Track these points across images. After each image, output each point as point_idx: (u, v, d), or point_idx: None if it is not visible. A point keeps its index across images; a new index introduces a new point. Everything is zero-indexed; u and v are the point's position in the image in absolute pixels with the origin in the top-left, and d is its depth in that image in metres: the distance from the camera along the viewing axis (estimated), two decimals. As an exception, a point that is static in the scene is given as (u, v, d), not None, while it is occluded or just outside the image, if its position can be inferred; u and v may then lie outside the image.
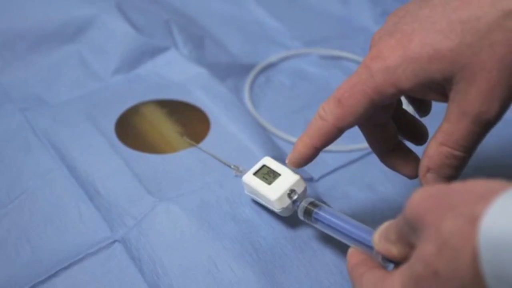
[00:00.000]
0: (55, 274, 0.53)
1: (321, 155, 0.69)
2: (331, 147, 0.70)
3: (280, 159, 0.64)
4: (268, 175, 0.55)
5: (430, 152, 0.47)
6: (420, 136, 0.54)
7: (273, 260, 0.54)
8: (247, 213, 0.57)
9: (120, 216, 0.58)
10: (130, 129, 0.68)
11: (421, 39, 0.44)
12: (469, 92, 0.43)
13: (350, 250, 0.45)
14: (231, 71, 0.79)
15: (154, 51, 0.78)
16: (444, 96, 0.46)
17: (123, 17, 0.80)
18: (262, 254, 0.54)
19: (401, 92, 0.45)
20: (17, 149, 0.65)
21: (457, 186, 0.36)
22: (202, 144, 0.66)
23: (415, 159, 0.52)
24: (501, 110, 0.44)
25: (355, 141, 0.69)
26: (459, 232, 0.33)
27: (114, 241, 0.56)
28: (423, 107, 0.54)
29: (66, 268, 0.54)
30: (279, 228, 0.56)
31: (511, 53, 0.42)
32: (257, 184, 0.55)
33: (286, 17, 0.89)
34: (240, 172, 0.59)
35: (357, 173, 0.68)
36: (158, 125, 0.69)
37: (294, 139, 0.70)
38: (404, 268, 0.37)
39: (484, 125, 0.44)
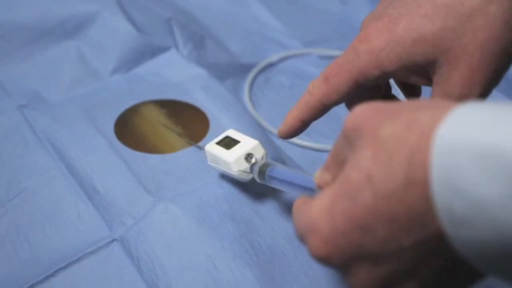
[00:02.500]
0: (53, 274, 0.53)
1: (321, 155, 0.69)
2: (331, 147, 0.70)
3: (279, 159, 0.64)
4: (229, 143, 0.57)
5: None
6: None
7: (272, 260, 0.54)
8: (246, 213, 0.57)
9: (119, 216, 0.58)
10: (129, 129, 0.68)
11: (406, 23, 0.45)
12: (451, 75, 0.44)
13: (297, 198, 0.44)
14: (231, 71, 0.79)
15: (154, 51, 0.78)
16: (428, 79, 0.46)
17: (124, 15, 0.80)
18: (261, 254, 0.54)
19: (385, 74, 0.46)
20: (15, 148, 0.65)
21: (400, 101, 0.36)
22: (201, 144, 0.66)
23: None
24: (483, 94, 0.44)
25: (354, 141, 0.68)
26: (396, 135, 0.33)
27: (113, 241, 0.56)
28: (413, 93, 0.54)
29: (64, 267, 0.53)
30: (278, 228, 0.56)
31: (493, 38, 0.43)
32: (217, 150, 0.56)
33: (286, 17, 0.89)
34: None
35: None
36: (158, 125, 0.69)
37: (293, 139, 0.70)
38: (335, 181, 0.36)
39: None
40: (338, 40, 0.86)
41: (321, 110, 0.50)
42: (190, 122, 0.69)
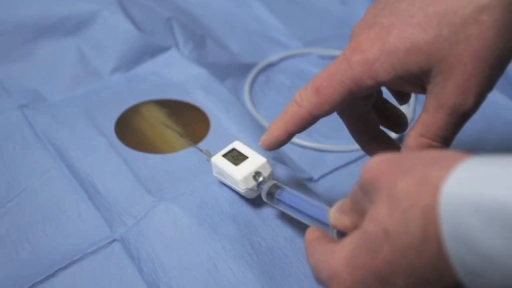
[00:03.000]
0: (54, 274, 0.53)
1: (321, 155, 0.69)
2: (331, 147, 0.70)
3: (279, 159, 0.64)
4: (236, 157, 0.57)
5: (409, 143, 0.47)
6: (400, 124, 0.55)
7: (273, 260, 0.54)
8: (247, 213, 0.57)
9: (119, 216, 0.58)
10: (130, 129, 0.68)
11: (399, 33, 0.45)
12: (446, 84, 0.44)
13: (308, 229, 0.46)
14: (231, 71, 0.79)
15: (155, 51, 0.78)
16: (422, 88, 0.46)
17: (125, 14, 0.80)
18: (262, 254, 0.54)
19: (379, 84, 0.46)
20: (16, 147, 0.65)
21: (412, 153, 0.38)
22: (201, 144, 0.66)
23: (396, 148, 0.53)
24: (477, 102, 0.45)
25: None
26: (410, 192, 0.35)
27: (114, 241, 0.56)
28: (403, 96, 0.55)
29: (65, 267, 0.54)
30: (278, 228, 0.56)
31: (485, 47, 0.43)
32: (224, 164, 0.57)
33: (286, 17, 0.89)
34: (211, 157, 0.60)
35: (357, 173, 0.67)
36: (158, 125, 0.69)
37: (293, 139, 0.70)
38: (355, 232, 0.38)
39: (460, 117, 0.45)
40: (338, 40, 0.86)
41: (310, 121, 0.50)
42: (190, 122, 0.69)
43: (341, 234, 0.42)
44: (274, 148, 0.53)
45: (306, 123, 0.50)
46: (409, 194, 0.35)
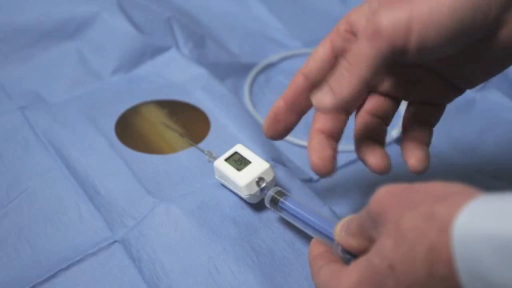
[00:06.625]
0: (54, 275, 0.53)
1: (321, 155, 0.69)
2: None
3: (279, 159, 0.64)
4: (239, 161, 0.57)
5: None
6: None
7: (273, 263, 0.54)
8: (247, 215, 0.57)
9: (120, 217, 0.58)
10: (130, 129, 0.68)
11: None
12: None
13: (312, 241, 0.47)
14: (231, 71, 0.79)
15: (155, 51, 0.78)
16: None
17: (124, 15, 0.80)
18: (262, 256, 0.54)
19: None
20: (16, 149, 0.65)
21: (419, 186, 0.38)
22: (202, 145, 0.66)
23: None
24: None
25: (355, 141, 0.68)
26: (416, 229, 0.36)
27: (114, 242, 0.56)
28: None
29: (65, 268, 0.54)
30: (279, 231, 0.56)
31: None
32: (227, 169, 0.57)
33: (286, 17, 0.89)
34: (213, 158, 0.60)
35: (357, 173, 0.68)
36: (158, 125, 0.69)
37: (293, 140, 0.70)
38: (361, 261, 0.39)
39: None
40: (338, 40, 0.86)
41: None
42: (190, 122, 0.69)
43: (346, 251, 0.44)
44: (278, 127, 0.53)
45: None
46: (415, 230, 0.36)
